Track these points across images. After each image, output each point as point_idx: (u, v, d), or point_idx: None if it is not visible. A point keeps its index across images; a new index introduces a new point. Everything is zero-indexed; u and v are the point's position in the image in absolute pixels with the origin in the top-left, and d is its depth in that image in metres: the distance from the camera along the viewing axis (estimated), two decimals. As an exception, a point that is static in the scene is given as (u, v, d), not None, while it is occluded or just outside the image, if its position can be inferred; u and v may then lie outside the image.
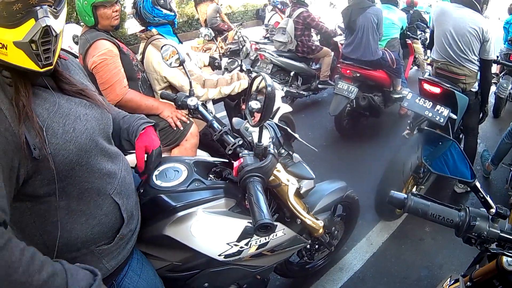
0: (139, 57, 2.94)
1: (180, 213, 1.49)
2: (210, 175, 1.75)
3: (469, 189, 3.63)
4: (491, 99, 6.06)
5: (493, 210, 1.14)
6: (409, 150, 3.12)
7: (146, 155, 1.57)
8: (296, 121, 3.99)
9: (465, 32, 3.25)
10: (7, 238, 0.90)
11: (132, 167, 1.53)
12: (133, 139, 1.56)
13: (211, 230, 1.54)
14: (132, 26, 10.19)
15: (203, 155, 2.91)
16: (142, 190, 1.57)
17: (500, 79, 5.71)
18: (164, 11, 2.84)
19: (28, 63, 1.05)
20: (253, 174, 1.34)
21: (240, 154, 1.50)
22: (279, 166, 1.65)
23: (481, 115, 3.71)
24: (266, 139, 1.54)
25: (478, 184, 1.20)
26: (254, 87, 1.57)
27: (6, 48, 1.01)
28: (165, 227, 1.49)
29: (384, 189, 3.10)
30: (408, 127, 3.91)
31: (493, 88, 5.77)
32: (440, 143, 1.36)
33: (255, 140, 1.50)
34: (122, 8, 2.48)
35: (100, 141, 1.29)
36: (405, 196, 1.19)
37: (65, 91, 1.23)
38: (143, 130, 1.57)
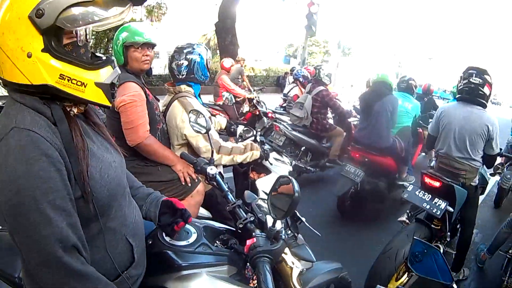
0: (162, 108, 3.04)
1: (185, 272, 1.59)
2: (217, 241, 1.86)
3: (455, 280, 3.72)
4: (494, 189, 6.15)
5: None
6: (404, 238, 3.20)
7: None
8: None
9: (471, 132, 3.41)
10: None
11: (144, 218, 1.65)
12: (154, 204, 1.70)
13: None
14: (156, 67, 10.47)
15: (205, 214, 3.00)
16: (150, 242, 1.67)
17: (505, 170, 5.80)
18: (207, 72, 3.01)
19: (103, 100, 1.24)
20: (264, 255, 1.48)
21: (253, 234, 1.63)
22: (286, 249, 1.75)
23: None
24: (279, 224, 1.68)
25: (455, 287, 1.35)
26: (277, 184, 1.71)
27: (85, 86, 1.19)
28: (167, 281, 1.58)
29: (375, 274, 3.14)
30: (406, 216, 4.01)
31: (496, 178, 5.89)
32: (425, 250, 1.53)
33: (269, 223, 1.64)
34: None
35: (125, 187, 1.44)
36: None
37: (93, 128, 1.38)
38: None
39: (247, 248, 1.55)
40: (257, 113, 6.64)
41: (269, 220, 1.66)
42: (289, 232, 1.91)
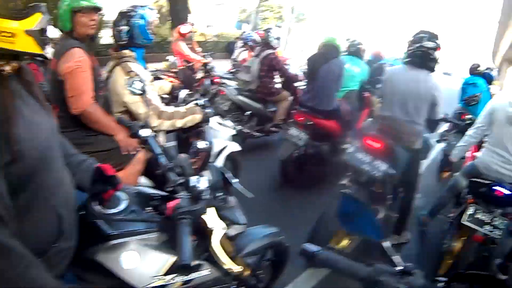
0: (105, 74, 2.98)
1: (114, 241, 1.54)
2: (149, 208, 1.80)
3: (397, 243, 3.79)
4: (439, 156, 6.33)
5: (397, 268, 1.29)
6: (343, 201, 3.24)
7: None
8: (243, 161, 4.05)
9: (415, 96, 3.43)
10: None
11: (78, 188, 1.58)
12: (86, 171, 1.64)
13: (140, 262, 1.58)
14: (106, 36, 10.17)
15: (145, 183, 2.96)
16: (82, 212, 1.60)
17: (451, 137, 5.95)
18: (151, 34, 2.96)
19: (35, 48, 1.20)
20: (184, 216, 1.46)
21: (178, 195, 1.61)
22: (209, 210, 1.74)
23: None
24: (204, 183, 1.65)
25: (384, 245, 1.37)
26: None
27: (14, 37, 1.14)
28: (97, 252, 1.53)
29: (312, 237, 3.12)
30: (348, 179, 4.05)
31: (442, 145, 6.05)
32: (356, 206, 1.54)
33: (192, 182, 1.62)
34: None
35: (56, 151, 1.37)
36: (317, 249, 1.31)
37: (26, 89, 1.31)
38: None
39: (169, 210, 1.54)
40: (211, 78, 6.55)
41: (194, 181, 1.62)
42: (221, 193, 1.88)
